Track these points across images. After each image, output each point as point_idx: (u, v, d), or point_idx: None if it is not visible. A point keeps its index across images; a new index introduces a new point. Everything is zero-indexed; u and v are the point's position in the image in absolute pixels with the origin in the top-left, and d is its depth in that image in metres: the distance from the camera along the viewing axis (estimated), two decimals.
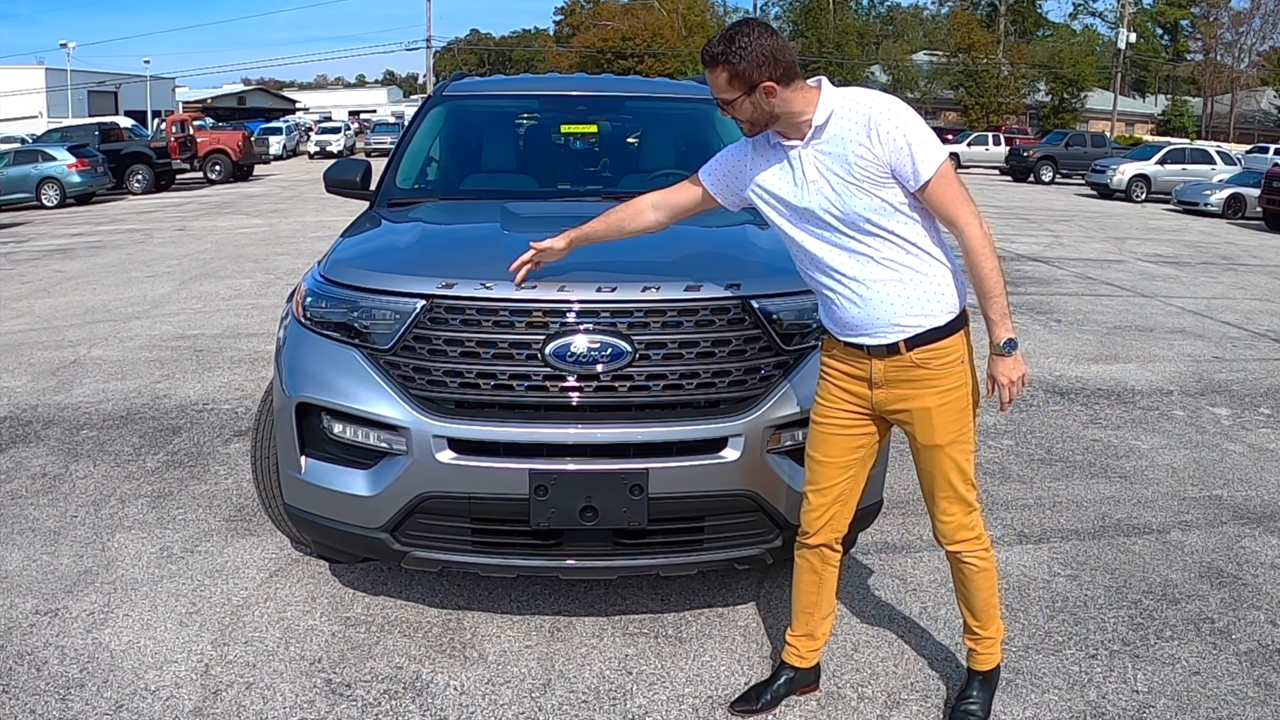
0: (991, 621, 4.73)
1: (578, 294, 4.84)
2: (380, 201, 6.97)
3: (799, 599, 4.89)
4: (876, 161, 4.09)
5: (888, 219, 4.17)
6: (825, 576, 4.82)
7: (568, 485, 4.72)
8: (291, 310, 5.44)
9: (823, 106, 4.16)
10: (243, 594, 5.86)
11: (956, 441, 4.42)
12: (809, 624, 4.91)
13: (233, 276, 17.76)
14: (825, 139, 4.16)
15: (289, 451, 5.16)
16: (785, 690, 4.91)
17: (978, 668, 4.79)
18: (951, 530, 4.55)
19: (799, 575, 4.85)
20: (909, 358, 4.31)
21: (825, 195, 4.18)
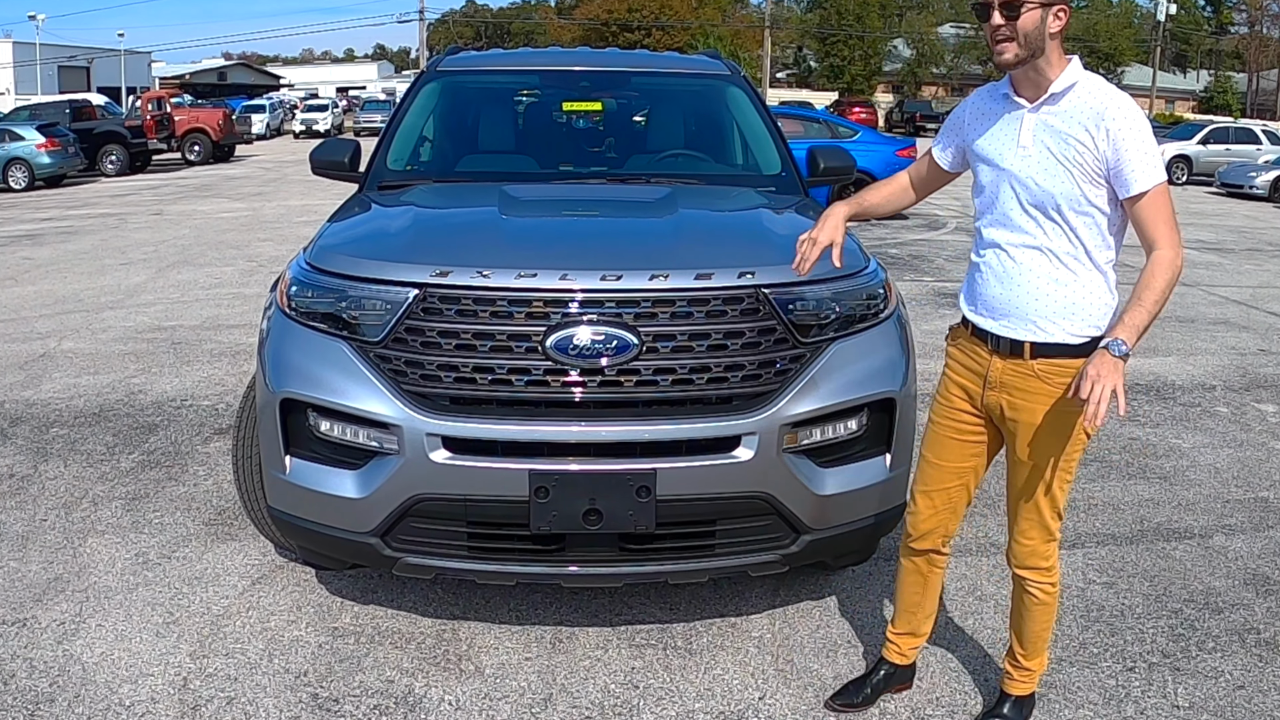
0: (1038, 654, 4.76)
1: (581, 282, 4.83)
2: (370, 184, 6.97)
3: (903, 599, 4.98)
4: (1095, 155, 4.11)
5: (1076, 215, 4.17)
6: (931, 579, 4.90)
7: (570, 487, 4.72)
8: (275, 300, 5.43)
9: (1067, 75, 4.19)
10: (223, 603, 5.86)
11: (1056, 466, 4.39)
12: (912, 622, 5.01)
13: (213, 264, 17.77)
14: (1055, 110, 4.19)
15: (273, 451, 5.16)
16: (883, 686, 5.04)
17: (1011, 691, 4.83)
18: (1024, 555, 4.55)
19: (904, 577, 4.95)
20: (1030, 365, 4.30)
21: (1030, 165, 4.22)
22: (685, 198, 6.28)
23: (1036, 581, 4.56)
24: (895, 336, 5.38)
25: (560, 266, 4.90)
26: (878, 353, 5.24)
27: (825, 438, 5.02)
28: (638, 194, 6.60)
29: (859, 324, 5.22)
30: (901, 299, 5.73)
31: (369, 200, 6.45)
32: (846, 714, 4.95)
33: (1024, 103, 4.27)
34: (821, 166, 7.37)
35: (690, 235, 5.58)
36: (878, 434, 5.24)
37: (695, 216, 5.99)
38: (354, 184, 7.19)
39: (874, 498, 5.20)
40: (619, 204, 6.43)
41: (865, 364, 5.16)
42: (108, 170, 40.63)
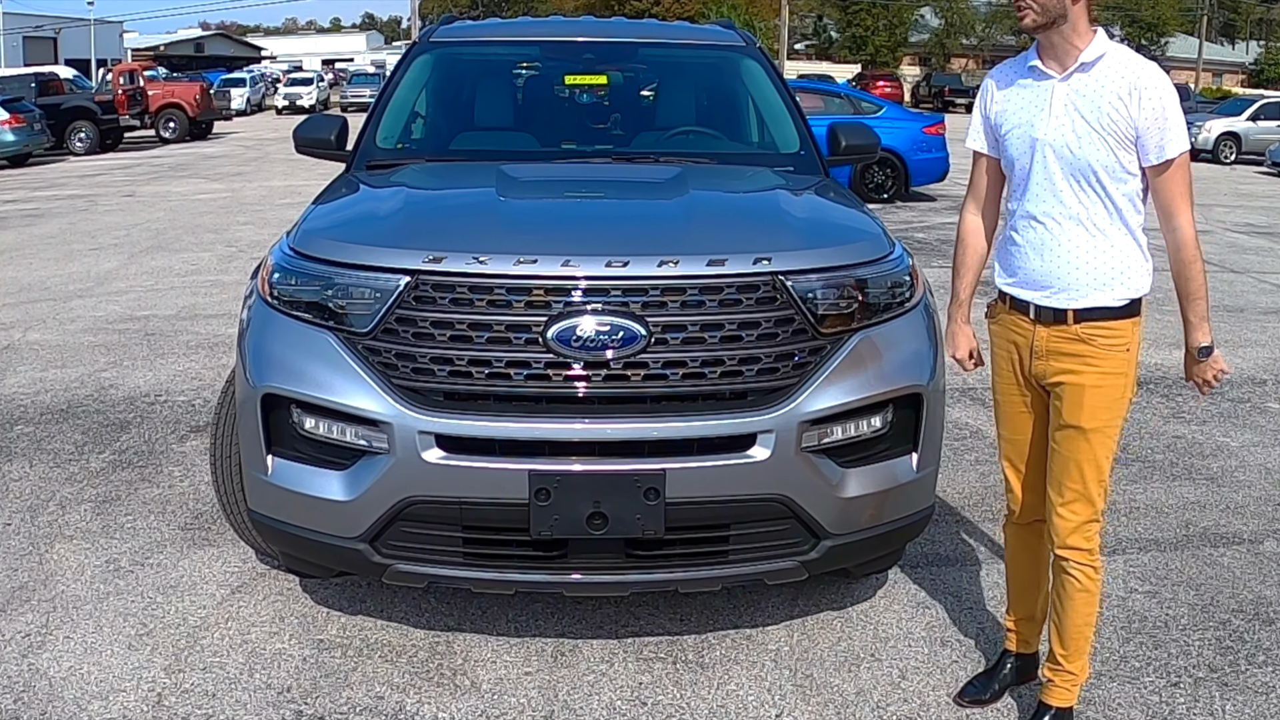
0: (1078, 656, 4.82)
1: (584, 269, 4.82)
2: (358, 163, 6.97)
3: (1016, 580, 5.13)
4: (1128, 121, 4.38)
5: (1112, 181, 4.46)
6: (1040, 553, 5.02)
7: (573, 488, 4.71)
8: (256, 288, 5.43)
9: (1096, 46, 4.45)
10: (200, 613, 5.86)
11: (1101, 430, 4.59)
12: (1029, 605, 5.14)
13: (189, 249, 17.79)
14: (1086, 79, 4.46)
15: (254, 450, 5.16)
16: (1012, 679, 5.20)
17: (1050, 701, 4.88)
18: (1066, 531, 4.68)
19: (1013, 555, 5.13)
20: (1074, 330, 4.56)
21: (1065, 135, 4.47)
22: (696, 178, 6.28)
23: (1078, 563, 4.68)
24: (922, 326, 5.37)
25: (562, 252, 4.89)
26: (904, 344, 5.24)
27: (847, 436, 5.02)
28: (645, 174, 6.59)
29: (883, 313, 5.22)
30: (929, 286, 5.73)
31: (357, 181, 6.45)
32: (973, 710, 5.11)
33: (1053, 73, 4.52)
34: (843, 144, 7.36)
35: (702, 218, 5.58)
36: (904, 431, 5.23)
37: (707, 198, 5.98)
38: (341, 163, 7.19)
39: (900, 500, 5.20)
40: (625, 185, 6.42)
41: (890, 356, 5.16)
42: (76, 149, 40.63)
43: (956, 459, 8.22)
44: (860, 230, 5.62)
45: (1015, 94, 4.64)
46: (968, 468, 8.09)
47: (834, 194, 6.40)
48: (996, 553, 6.63)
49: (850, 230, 5.68)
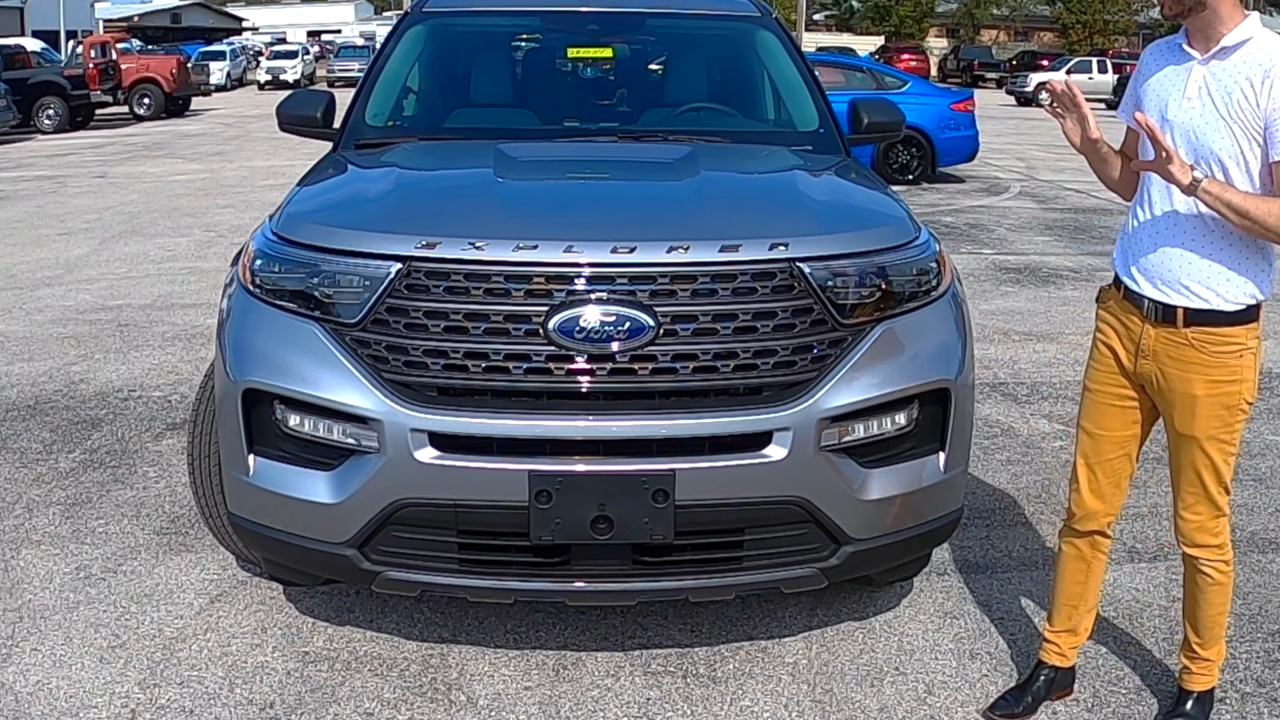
0: (1215, 642, 4.99)
1: (588, 255, 4.82)
2: (346, 142, 6.97)
3: (1062, 590, 5.18)
4: (1255, 110, 4.37)
5: (1237, 170, 4.45)
6: (1094, 566, 5.11)
7: (576, 490, 4.71)
8: (237, 276, 5.43)
9: (1242, 30, 4.45)
10: (177, 624, 5.87)
11: (1216, 439, 4.67)
12: (1072, 618, 5.20)
13: (165, 234, 17.81)
14: (1223, 64, 4.47)
15: (234, 449, 5.15)
16: (1045, 692, 5.23)
17: (1190, 686, 5.07)
18: (1192, 531, 4.83)
19: (1064, 564, 5.18)
20: (1184, 334, 4.58)
21: (1193, 118, 4.50)
22: (708, 158, 6.28)
23: (1208, 560, 4.82)
24: (950, 317, 5.37)
25: (565, 237, 4.89)
26: (930, 336, 5.24)
27: (870, 434, 5.02)
28: (654, 153, 6.59)
29: (909, 303, 5.20)
30: (957, 274, 5.72)
31: (345, 161, 6.45)
32: None
33: (1195, 54, 4.55)
34: (865, 122, 7.36)
35: (714, 201, 5.57)
36: (930, 429, 5.23)
37: (720, 179, 5.98)
38: (327, 142, 7.18)
39: (926, 503, 5.20)
40: (632, 165, 6.42)
41: (916, 349, 5.15)
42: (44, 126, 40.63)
43: (986, 459, 8.22)
44: (884, 214, 5.62)
45: (1160, 72, 4.68)
46: (998, 468, 8.09)
47: (855, 175, 6.39)
48: (1029, 559, 6.63)
49: (873, 214, 5.68)
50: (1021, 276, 15.03)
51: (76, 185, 24.22)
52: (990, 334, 11.81)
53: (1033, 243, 17.77)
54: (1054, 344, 11.63)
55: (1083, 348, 11.22)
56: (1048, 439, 8.73)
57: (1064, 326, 12.38)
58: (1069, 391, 9.88)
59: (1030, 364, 10.88)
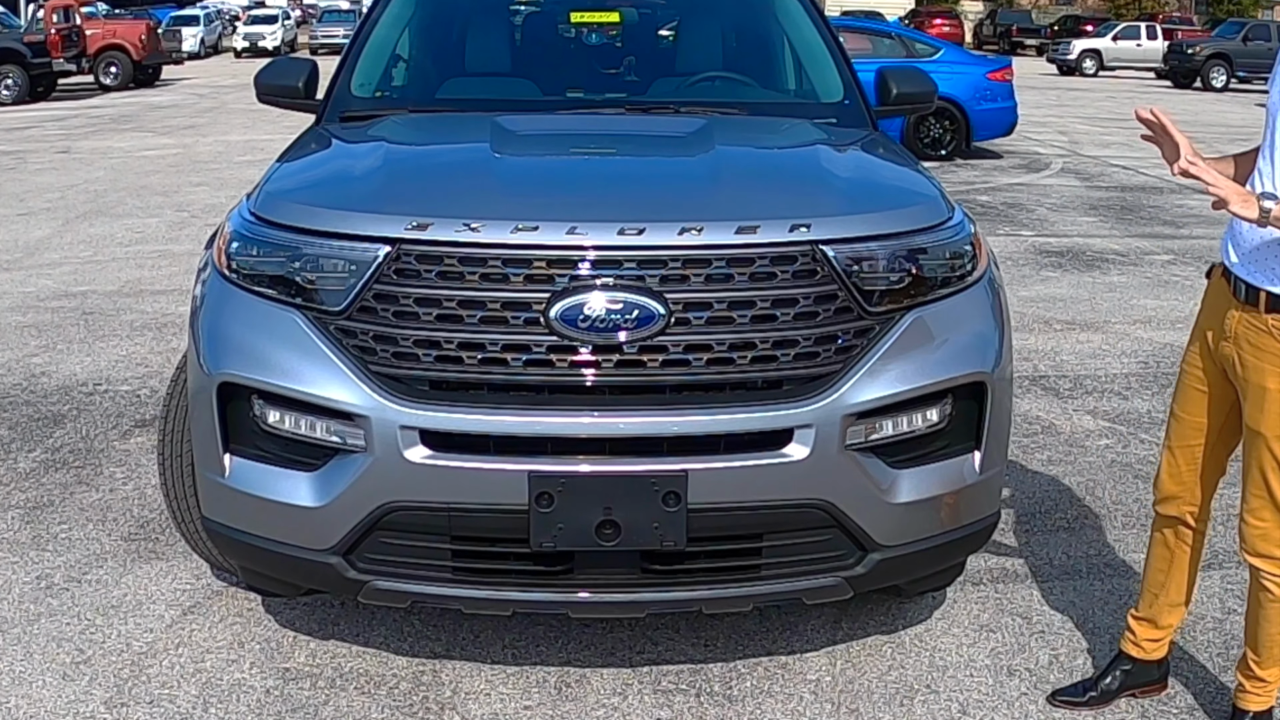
0: (1274, 664, 4.99)
1: (593, 237, 4.81)
2: (330, 114, 6.97)
3: (1149, 575, 5.33)
4: None
5: None
6: (1178, 556, 5.19)
7: (580, 492, 4.70)
8: (212, 260, 5.43)
9: None
10: (147, 638, 5.87)
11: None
12: (1153, 607, 5.28)
13: (134, 214, 17.82)
14: None
15: (208, 448, 5.15)
16: (1119, 684, 5.36)
17: (1246, 706, 5.08)
18: (1254, 539, 4.86)
19: (1152, 548, 5.33)
20: (1265, 320, 4.60)
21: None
22: (724, 132, 6.27)
23: (1268, 574, 4.83)
24: (986, 304, 5.36)
25: (567, 217, 4.88)
26: (965, 325, 5.23)
27: (899, 431, 5.01)
28: (664, 127, 6.59)
29: (941, 289, 5.20)
30: (994, 258, 5.72)
31: (329, 135, 6.45)
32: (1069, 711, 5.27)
33: None
34: (894, 93, 7.35)
35: (730, 179, 5.56)
36: (965, 426, 5.22)
37: (736, 155, 5.97)
38: (310, 115, 7.19)
39: (960, 506, 5.20)
40: (641, 139, 6.42)
41: (949, 339, 5.14)
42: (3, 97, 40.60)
43: (1026, 458, 8.22)
44: (914, 192, 5.61)
45: None
46: (1039, 468, 8.09)
47: (883, 150, 6.38)
48: (1072, 567, 6.62)
49: (902, 192, 5.68)
50: (1064, 260, 15.03)
51: (37, 161, 24.22)
52: (1030, 323, 11.80)
53: (1076, 224, 17.77)
54: (1099, 334, 11.63)
55: (1131, 337, 11.26)
56: (1092, 437, 8.73)
57: (1110, 315, 12.38)
58: (1115, 385, 9.89)
59: (1073, 355, 10.87)
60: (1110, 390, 9.79)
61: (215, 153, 25.37)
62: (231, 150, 25.72)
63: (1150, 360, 10.69)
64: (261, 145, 25.49)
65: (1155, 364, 10.54)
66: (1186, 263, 14.86)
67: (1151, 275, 14.25)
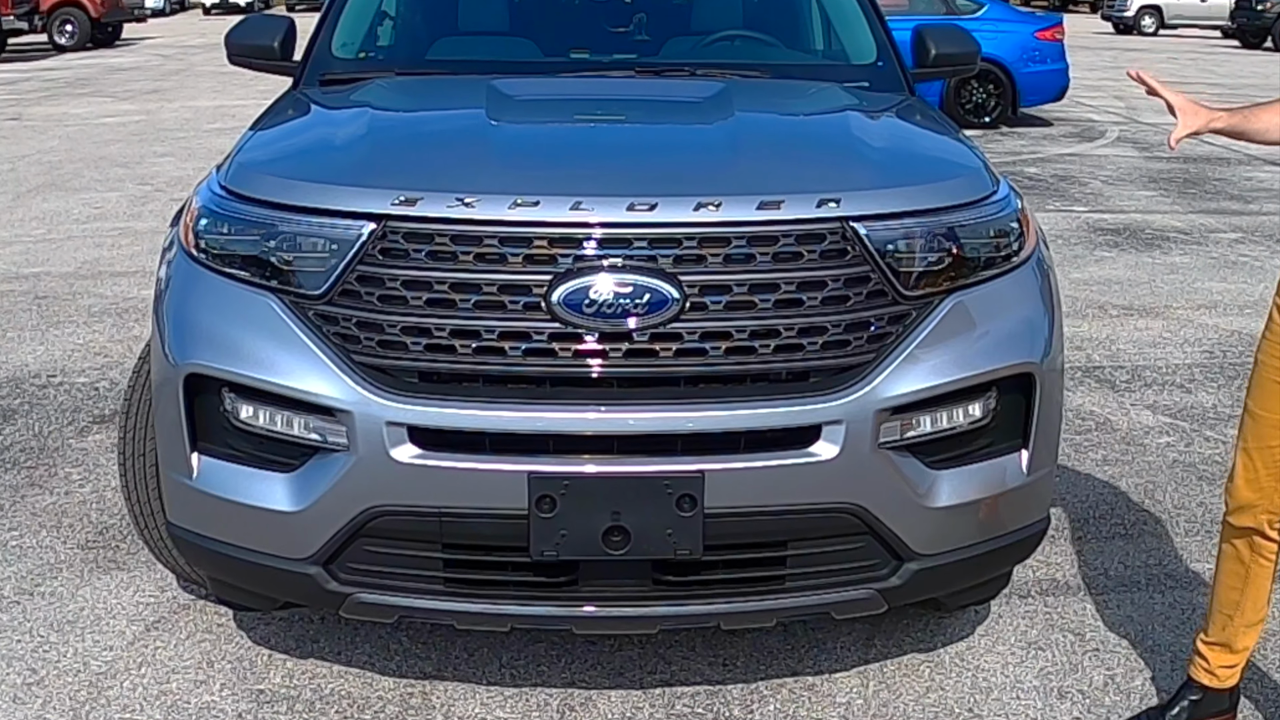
0: None
1: (600, 213, 4.80)
2: (309, 77, 6.97)
3: (1219, 595, 5.20)
4: None
5: None
6: (1255, 572, 5.08)
7: (585, 496, 4.69)
8: (178, 238, 5.43)
9: None
10: (106, 656, 5.88)
11: None
12: (1226, 630, 5.18)
13: (91, 188, 17.84)
14: None
15: (174, 446, 5.15)
16: (1186, 716, 5.27)
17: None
18: None
19: (1221, 563, 5.20)
20: None
21: None
22: (744, 97, 6.28)
23: None
24: (1034, 288, 5.35)
25: (571, 191, 4.87)
26: (1010, 310, 5.22)
27: (938, 428, 5.00)
28: (679, 91, 6.59)
29: (984, 271, 5.19)
30: (1043, 237, 5.71)
31: (307, 100, 6.45)
32: None
33: None
34: (932, 54, 7.34)
35: (751, 148, 5.56)
36: (1011, 423, 5.21)
37: (758, 122, 5.97)
38: (286, 78, 7.19)
39: (1006, 510, 5.19)
40: (652, 105, 6.42)
41: (993, 326, 5.13)
42: None
43: (1079, 457, 8.22)
44: (955, 164, 5.61)
45: None
46: (1092, 469, 8.08)
47: (921, 117, 6.38)
48: (1130, 578, 6.62)
49: (942, 164, 5.68)
50: (1120, 239, 15.02)
51: None
52: (1083, 308, 11.80)
53: (1134, 198, 17.75)
54: (1159, 320, 11.63)
55: (1195, 324, 11.25)
56: (1152, 434, 8.72)
57: (1171, 299, 12.37)
58: (1177, 377, 9.88)
59: (1131, 344, 10.87)
60: (1172, 383, 9.79)
61: (182, 120, 25.39)
62: (200, 117, 25.74)
63: (1216, 349, 10.68)
64: (233, 111, 25.52)
65: (1221, 354, 10.54)
66: (1256, 241, 14.85)
67: (1217, 255, 14.23)
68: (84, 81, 34.22)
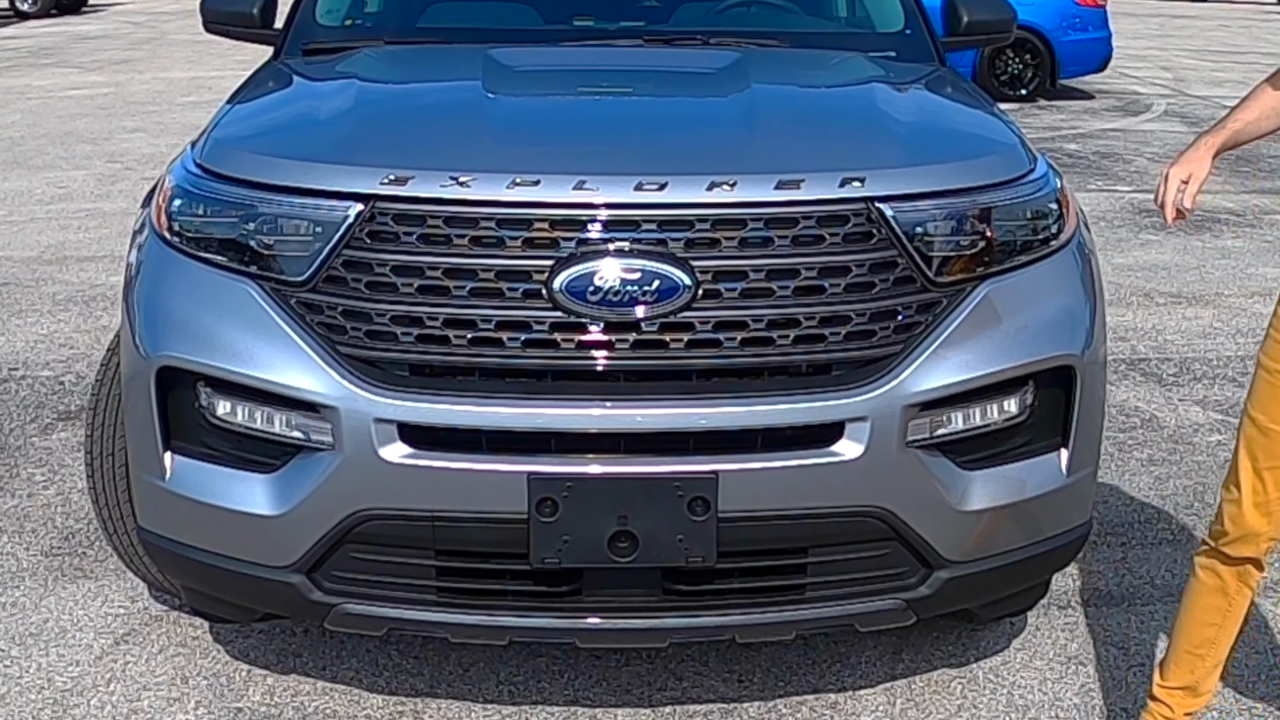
0: None
1: (606, 193, 4.80)
2: (291, 46, 6.97)
3: (1189, 632, 5.01)
4: None
5: None
6: (1236, 604, 4.93)
7: (590, 499, 4.70)
8: (150, 220, 5.44)
9: None
10: (72, 671, 5.89)
11: None
12: (1195, 672, 5.02)
13: (56, 166, 17.85)
14: None
15: (146, 445, 5.15)
16: None
17: None
18: None
19: (1197, 597, 4.97)
20: None
21: None
22: (761, 68, 6.27)
23: None
24: (1074, 274, 5.35)
25: (575, 170, 4.87)
26: (1049, 298, 5.22)
27: (970, 425, 5.00)
28: (690, 62, 6.59)
29: (1020, 256, 5.20)
30: (1084, 218, 5.71)
31: (289, 71, 6.46)
32: None
33: None
34: (965, 21, 7.34)
35: (769, 123, 5.56)
36: (1049, 420, 5.21)
37: (776, 95, 5.98)
38: (267, 47, 7.19)
39: (1044, 515, 5.20)
40: (662, 77, 6.42)
41: (1030, 315, 5.14)
42: None
43: (1123, 457, 8.22)
44: (988, 140, 5.61)
45: None
46: (1138, 470, 8.08)
47: (952, 90, 6.38)
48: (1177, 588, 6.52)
49: (974, 140, 5.68)
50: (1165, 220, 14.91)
51: None
52: (1127, 295, 11.80)
53: None
54: (1210, 308, 11.62)
55: (1249, 313, 11.24)
56: (1201, 432, 8.72)
57: (1223, 286, 12.36)
58: (1229, 370, 9.88)
59: (1179, 334, 10.86)
60: (1223, 376, 9.79)
61: (154, 92, 25.39)
62: (173, 90, 25.74)
63: None
64: (209, 83, 25.53)
65: None
66: None
67: (1273, 238, 14.22)
68: (48, 51, 34.22)
